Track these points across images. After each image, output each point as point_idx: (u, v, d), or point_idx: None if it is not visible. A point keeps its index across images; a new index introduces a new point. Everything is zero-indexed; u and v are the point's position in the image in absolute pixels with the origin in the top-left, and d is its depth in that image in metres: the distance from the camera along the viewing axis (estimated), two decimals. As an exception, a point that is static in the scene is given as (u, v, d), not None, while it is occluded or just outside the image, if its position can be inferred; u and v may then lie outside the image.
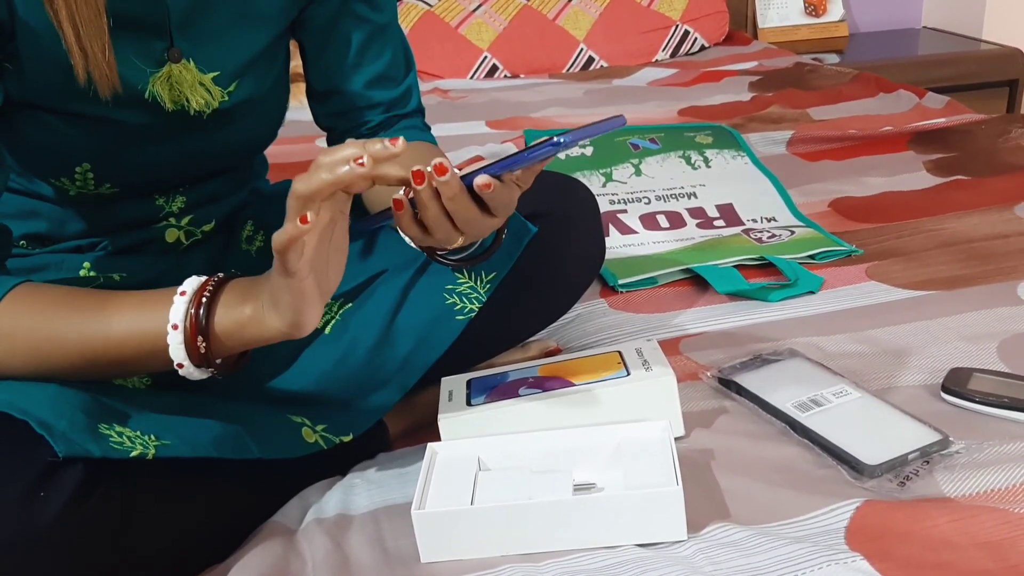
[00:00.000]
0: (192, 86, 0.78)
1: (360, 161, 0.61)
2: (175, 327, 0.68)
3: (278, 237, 0.63)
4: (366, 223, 0.76)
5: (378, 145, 0.62)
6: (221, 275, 0.71)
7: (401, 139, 0.62)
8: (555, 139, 0.64)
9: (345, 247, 0.69)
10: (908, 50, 2.51)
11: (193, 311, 0.68)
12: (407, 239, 0.75)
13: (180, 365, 0.69)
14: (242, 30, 0.81)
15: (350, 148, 0.62)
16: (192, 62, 0.78)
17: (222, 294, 0.69)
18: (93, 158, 0.77)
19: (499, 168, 0.67)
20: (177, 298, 0.69)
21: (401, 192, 0.70)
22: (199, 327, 0.68)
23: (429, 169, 0.67)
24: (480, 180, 0.67)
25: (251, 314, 0.68)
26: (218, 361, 0.70)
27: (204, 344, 0.68)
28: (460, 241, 0.72)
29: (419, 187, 0.67)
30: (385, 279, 0.86)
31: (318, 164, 0.63)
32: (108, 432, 0.67)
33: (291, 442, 0.78)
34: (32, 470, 0.64)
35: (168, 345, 0.68)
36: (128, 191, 0.81)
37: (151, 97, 0.77)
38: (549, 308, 0.95)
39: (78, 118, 0.75)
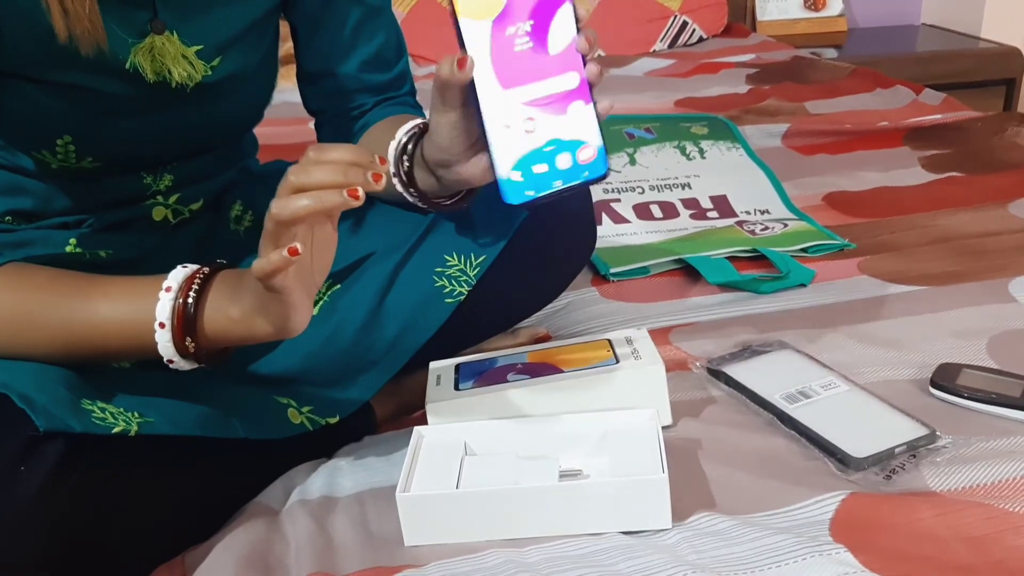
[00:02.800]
0: (174, 58, 0.77)
1: (356, 195, 0.60)
2: (162, 325, 0.68)
3: (260, 267, 0.61)
4: None
5: (367, 158, 0.61)
6: (207, 269, 0.70)
7: (388, 162, 0.62)
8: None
9: (332, 245, 0.68)
10: (907, 46, 2.51)
11: (180, 308, 0.67)
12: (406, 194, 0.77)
13: (170, 361, 0.69)
14: (228, 5, 0.80)
15: (329, 172, 0.60)
16: (176, 35, 0.77)
17: (210, 290, 0.68)
18: (74, 130, 0.76)
19: None
20: (163, 295, 0.68)
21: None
22: (186, 326, 0.67)
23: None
24: None
25: (239, 317, 0.68)
26: (205, 353, 0.70)
27: (192, 344, 0.68)
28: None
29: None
30: (374, 261, 0.86)
31: (298, 184, 0.61)
32: (90, 408, 0.66)
33: (276, 423, 0.78)
34: (13, 444, 0.63)
35: (156, 342, 0.68)
36: (111, 166, 0.80)
37: (132, 68, 0.76)
38: (538, 293, 0.95)
39: (59, 88, 0.74)
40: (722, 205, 1.39)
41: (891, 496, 0.73)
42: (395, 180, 0.79)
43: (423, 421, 0.82)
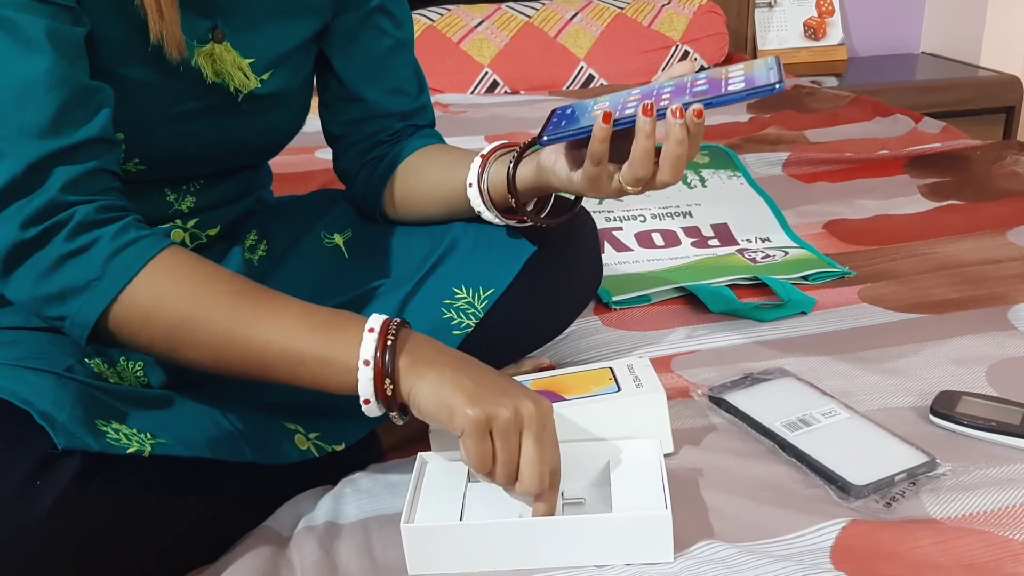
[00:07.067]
0: (232, 66, 0.81)
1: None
2: (366, 363, 0.68)
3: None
4: (555, 133, 0.77)
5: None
6: (399, 320, 0.71)
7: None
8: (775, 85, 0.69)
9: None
10: (906, 75, 2.53)
11: (379, 354, 0.68)
12: (484, 209, 0.85)
13: (367, 401, 0.70)
14: (279, 24, 0.84)
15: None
16: (231, 46, 0.81)
17: (405, 344, 0.70)
18: (128, 128, 0.78)
19: (718, 103, 0.71)
20: (366, 335, 0.69)
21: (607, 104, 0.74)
22: (384, 370, 0.68)
23: (673, 107, 0.71)
24: (696, 106, 0.71)
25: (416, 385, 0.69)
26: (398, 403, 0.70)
27: (391, 386, 0.69)
28: (632, 190, 0.76)
29: (646, 118, 0.71)
30: (383, 292, 0.87)
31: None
32: (105, 428, 0.68)
33: (284, 448, 0.79)
34: (30, 460, 0.65)
35: (357, 381, 0.69)
36: (153, 171, 0.82)
37: (196, 66, 0.79)
38: (545, 327, 0.96)
39: (124, 82, 0.76)
40: (723, 233, 1.40)
41: (891, 524, 0.74)
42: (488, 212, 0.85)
43: (428, 449, 0.82)
